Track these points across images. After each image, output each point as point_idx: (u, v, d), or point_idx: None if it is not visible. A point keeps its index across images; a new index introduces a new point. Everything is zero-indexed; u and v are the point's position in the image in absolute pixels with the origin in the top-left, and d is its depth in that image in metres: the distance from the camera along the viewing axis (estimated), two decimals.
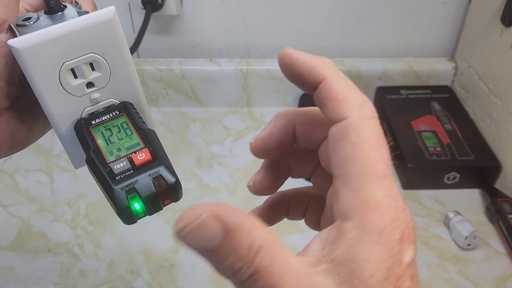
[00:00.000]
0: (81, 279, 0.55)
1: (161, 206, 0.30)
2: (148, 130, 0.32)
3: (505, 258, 0.57)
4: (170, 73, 0.79)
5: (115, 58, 0.32)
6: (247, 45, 0.81)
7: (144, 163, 0.30)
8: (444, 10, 0.77)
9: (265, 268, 0.19)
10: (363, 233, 0.20)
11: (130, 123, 0.33)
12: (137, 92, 0.35)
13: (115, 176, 0.29)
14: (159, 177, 0.29)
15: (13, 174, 0.69)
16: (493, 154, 0.67)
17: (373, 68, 0.80)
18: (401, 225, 0.21)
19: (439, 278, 0.55)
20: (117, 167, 0.29)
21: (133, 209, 0.29)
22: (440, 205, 0.64)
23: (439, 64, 0.81)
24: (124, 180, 0.29)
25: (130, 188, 0.29)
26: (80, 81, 0.32)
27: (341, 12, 0.77)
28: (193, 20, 0.78)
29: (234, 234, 0.19)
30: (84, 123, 0.33)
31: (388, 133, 0.73)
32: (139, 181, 0.29)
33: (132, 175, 0.29)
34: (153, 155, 0.30)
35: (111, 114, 0.33)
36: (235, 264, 0.19)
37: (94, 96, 0.33)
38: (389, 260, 0.20)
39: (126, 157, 0.30)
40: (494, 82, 0.68)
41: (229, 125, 0.79)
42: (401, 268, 0.20)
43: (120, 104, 0.34)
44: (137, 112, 0.34)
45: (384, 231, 0.20)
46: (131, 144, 0.31)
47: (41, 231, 0.60)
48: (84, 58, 0.31)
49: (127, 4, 0.76)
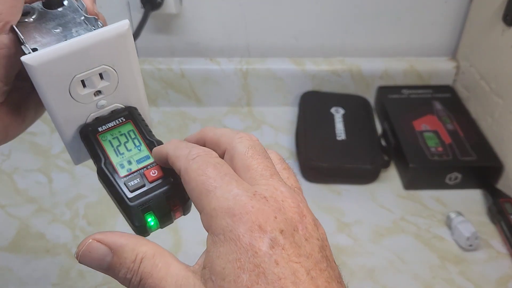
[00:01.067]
0: (80, 280, 0.54)
1: (172, 220, 0.32)
2: (156, 141, 0.33)
3: (507, 259, 0.57)
4: (170, 73, 0.79)
5: (124, 68, 0.32)
6: (247, 44, 0.80)
7: (156, 179, 0.31)
8: (445, 9, 0.77)
9: (148, 274, 0.25)
10: (214, 238, 0.24)
11: (138, 132, 0.33)
12: (141, 97, 0.36)
13: (130, 192, 0.30)
14: (173, 195, 0.31)
15: (12, 174, 0.68)
16: (495, 154, 0.67)
17: (374, 67, 0.79)
18: (247, 217, 0.23)
19: (441, 279, 0.54)
20: (131, 183, 0.31)
21: (148, 225, 0.30)
22: (441, 206, 0.64)
23: (441, 64, 0.80)
24: (140, 198, 0.30)
25: (146, 206, 0.30)
26: (89, 91, 0.32)
27: (342, 11, 0.77)
28: (193, 19, 0.78)
29: (119, 251, 0.25)
30: (91, 130, 0.33)
31: (389, 132, 0.73)
32: (154, 200, 0.30)
33: (146, 192, 0.31)
34: (165, 171, 0.31)
35: (117, 121, 0.34)
36: (127, 275, 0.25)
37: (100, 103, 0.33)
38: (238, 251, 0.23)
39: (138, 173, 0.31)
40: (496, 82, 0.68)
41: (229, 124, 0.79)
42: (259, 255, 0.23)
43: (125, 109, 0.35)
44: (143, 120, 0.35)
45: (227, 229, 0.24)
46: (141, 156, 0.32)
47: (39, 231, 0.60)
48: (95, 70, 0.31)
49: (127, 3, 0.75)
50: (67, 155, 0.71)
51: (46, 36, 0.31)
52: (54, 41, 0.31)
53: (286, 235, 0.24)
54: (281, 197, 0.25)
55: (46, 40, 0.31)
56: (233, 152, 0.28)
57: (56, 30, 0.31)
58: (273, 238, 0.23)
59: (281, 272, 0.22)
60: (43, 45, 0.30)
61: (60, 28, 0.31)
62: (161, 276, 0.25)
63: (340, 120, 0.73)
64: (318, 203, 0.64)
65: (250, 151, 0.28)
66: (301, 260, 0.23)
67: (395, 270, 0.56)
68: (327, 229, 0.28)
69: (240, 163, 0.27)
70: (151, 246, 0.26)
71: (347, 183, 0.67)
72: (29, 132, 0.76)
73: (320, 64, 0.79)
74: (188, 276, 0.25)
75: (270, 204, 0.24)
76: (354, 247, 0.58)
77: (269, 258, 0.23)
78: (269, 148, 0.30)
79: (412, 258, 0.57)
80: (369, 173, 0.67)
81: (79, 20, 0.32)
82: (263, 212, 0.24)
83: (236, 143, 0.28)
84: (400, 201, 0.65)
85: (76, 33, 0.31)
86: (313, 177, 0.67)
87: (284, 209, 0.25)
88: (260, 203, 0.24)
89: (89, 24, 0.32)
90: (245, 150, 0.28)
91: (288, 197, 0.26)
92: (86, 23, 0.32)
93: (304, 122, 0.73)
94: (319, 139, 0.70)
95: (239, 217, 0.24)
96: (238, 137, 0.28)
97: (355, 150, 0.68)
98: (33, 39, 0.30)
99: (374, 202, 0.65)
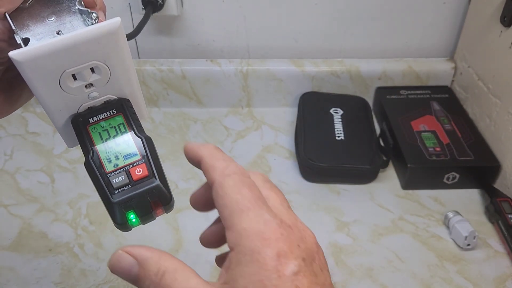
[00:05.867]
0: (82, 278, 0.55)
1: (154, 218, 0.32)
2: (144, 138, 0.33)
3: (505, 258, 0.57)
4: (171, 74, 0.80)
5: (116, 63, 0.32)
6: (248, 45, 0.81)
7: (141, 178, 0.31)
8: (443, 10, 0.77)
9: (168, 287, 0.26)
10: (240, 257, 0.25)
11: (128, 126, 0.33)
12: (134, 89, 0.35)
13: (114, 190, 0.31)
14: (155, 196, 0.31)
15: (14, 174, 0.69)
16: (493, 154, 0.67)
17: (373, 68, 0.80)
18: (274, 243, 0.25)
19: (439, 278, 0.55)
20: (116, 180, 0.31)
21: (129, 222, 0.31)
22: (439, 205, 0.64)
23: (439, 64, 0.81)
24: (123, 195, 0.31)
25: (128, 205, 0.30)
26: (79, 83, 0.32)
27: (341, 12, 0.77)
28: (194, 20, 0.78)
29: (145, 264, 0.27)
30: (82, 120, 0.33)
31: (387, 133, 0.73)
32: (136, 198, 0.31)
33: (129, 190, 0.31)
34: (150, 171, 0.31)
35: (108, 113, 0.34)
36: (150, 286, 0.26)
37: (92, 95, 0.33)
38: (263, 273, 0.24)
39: (124, 169, 0.31)
40: (494, 82, 0.69)
41: (229, 125, 0.79)
42: (282, 279, 0.24)
43: (117, 101, 0.34)
44: (134, 113, 0.34)
45: (255, 251, 0.25)
46: (128, 152, 0.32)
47: (42, 231, 0.60)
48: (85, 65, 0.31)
49: (128, 5, 0.76)
50: (69, 155, 0.72)
51: (39, 25, 0.31)
52: (46, 31, 0.30)
53: (307, 263, 0.26)
54: (302, 227, 0.28)
55: (39, 30, 0.30)
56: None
57: (50, 19, 0.31)
58: (296, 265, 0.25)
59: None
60: (35, 35, 0.30)
61: (54, 17, 0.31)
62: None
63: (339, 120, 0.74)
64: (318, 203, 0.64)
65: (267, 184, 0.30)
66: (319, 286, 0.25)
67: (394, 269, 0.56)
68: (326, 229, 0.29)
69: (227, 201, 0.28)
70: (174, 262, 0.27)
71: (346, 183, 0.68)
72: (32, 132, 0.76)
73: (319, 65, 0.80)
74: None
75: (294, 233, 0.26)
76: (353, 247, 0.59)
77: (291, 282, 0.24)
78: (269, 149, 0.31)
79: (410, 257, 0.57)
80: (368, 173, 0.67)
81: (74, 9, 0.32)
82: (290, 240, 0.26)
83: (225, 179, 0.29)
84: (398, 200, 0.65)
85: (70, 24, 0.31)
86: (312, 177, 0.68)
87: (305, 239, 0.27)
88: (287, 231, 0.26)
89: (83, 15, 0.31)
90: (234, 183, 0.29)
91: (305, 228, 0.28)
92: (80, 13, 0.31)
93: (304, 123, 0.74)
94: (318, 140, 0.71)
95: (269, 241, 0.25)
96: (227, 175, 0.29)
97: (354, 150, 0.69)
98: (26, 27, 0.30)
99: (372, 201, 0.65)
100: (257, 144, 0.75)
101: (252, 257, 0.25)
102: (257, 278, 0.24)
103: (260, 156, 0.72)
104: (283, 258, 0.25)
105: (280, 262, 0.25)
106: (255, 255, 0.25)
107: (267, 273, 0.24)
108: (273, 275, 0.24)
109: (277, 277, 0.24)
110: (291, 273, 0.24)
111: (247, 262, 0.25)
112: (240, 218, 0.26)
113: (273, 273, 0.24)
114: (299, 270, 0.25)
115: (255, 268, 0.25)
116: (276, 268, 0.24)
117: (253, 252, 0.25)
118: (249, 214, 0.26)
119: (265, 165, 0.70)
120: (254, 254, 0.25)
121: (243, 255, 0.25)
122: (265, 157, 0.72)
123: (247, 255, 0.25)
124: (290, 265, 0.25)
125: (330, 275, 0.28)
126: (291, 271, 0.24)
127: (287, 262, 0.25)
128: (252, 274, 0.24)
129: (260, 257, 0.25)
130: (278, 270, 0.24)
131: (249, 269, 0.25)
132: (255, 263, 0.25)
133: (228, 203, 0.27)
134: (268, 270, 0.24)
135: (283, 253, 0.25)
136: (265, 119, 0.80)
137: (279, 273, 0.24)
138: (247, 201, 0.27)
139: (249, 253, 0.25)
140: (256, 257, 0.25)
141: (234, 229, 0.26)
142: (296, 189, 0.67)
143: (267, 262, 0.24)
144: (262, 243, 0.25)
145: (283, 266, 0.24)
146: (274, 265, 0.24)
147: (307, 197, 0.65)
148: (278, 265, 0.24)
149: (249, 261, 0.25)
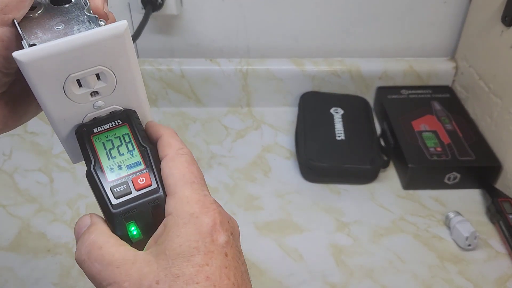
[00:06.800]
0: (81, 279, 0.54)
1: (155, 230, 0.31)
2: (149, 148, 0.32)
3: (506, 258, 0.57)
4: (170, 73, 0.79)
5: (122, 70, 0.32)
6: (247, 45, 0.81)
7: (143, 187, 0.31)
8: (444, 9, 0.77)
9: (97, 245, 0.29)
10: (178, 220, 0.28)
11: (132, 136, 0.33)
12: (141, 100, 0.35)
13: (115, 199, 0.30)
14: (158, 206, 0.30)
15: (13, 174, 0.69)
16: (494, 154, 0.67)
17: (373, 68, 0.79)
18: (211, 213, 0.29)
19: (440, 279, 0.55)
20: (117, 189, 0.30)
21: (130, 235, 0.30)
22: (440, 205, 0.64)
23: (440, 64, 0.81)
24: (124, 205, 0.30)
25: (129, 215, 0.30)
26: (84, 91, 0.31)
27: (342, 12, 0.77)
28: (193, 20, 0.78)
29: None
30: (86, 130, 0.33)
31: (388, 133, 0.73)
32: (138, 209, 0.30)
33: (131, 200, 0.30)
34: (153, 180, 0.31)
35: (113, 123, 0.33)
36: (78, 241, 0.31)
37: (98, 104, 0.32)
38: (198, 235, 0.28)
39: (126, 179, 0.31)
40: (495, 82, 0.68)
41: (229, 125, 0.79)
42: (214, 245, 0.28)
43: (123, 112, 0.34)
44: (140, 124, 0.34)
45: (194, 215, 0.28)
46: (132, 162, 0.32)
47: (40, 231, 0.60)
48: (90, 70, 0.30)
49: (127, 4, 0.75)
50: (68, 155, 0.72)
51: (47, 32, 0.30)
52: (53, 38, 0.30)
53: (235, 238, 0.30)
54: (212, 202, 0.31)
55: (47, 36, 0.30)
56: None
57: (58, 27, 0.31)
58: (227, 236, 0.29)
59: (228, 263, 0.28)
60: (43, 41, 0.30)
61: (62, 25, 0.31)
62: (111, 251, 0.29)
63: (340, 120, 0.74)
64: (318, 203, 0.64)
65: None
66: (240, 263, 0.29)
67: (394, 269, 0.56)
68: (326, 229, 0.29)
69: (175, 171, 0.32)
70: (103, 226, 0.31)
71: (346, 183, 0.67)
72: (30, 132, 0.76)
73: (319, 65, 0.80)
74: (137, 252, 0.28)
75: (223, 211, 0.31)
76: (353, 247, 0.58)
77: (222, 249, 0.28)
78: (269, 148, 0.32)
79: (411, 258, 0.57)
80: (368, 173, 0.67)
81: (82, 18, 0.31)
82: (222, 214, 0.30)
83: (178, 156, 0.33)
84: (399, 201, 0.65)
85: (77, 31, 0.30)
86: (313, 177, 0.68)
87: (232, 220, 0.31)
88: (220, 209, 0.30)
89: (91, 22, 0.31)
90: (185, 161, 0.33)
91: (216, 205, 0.31)
92: (89, 21, 0.31)
93: (304, 122, 0.74)
94: (318, 139, 0.70)
95: (206, 210, 0.29)
96: (180, 154, 0.33)
97: (355, 150, 0.69)
98: (34, 35, 0.30)
99: (373, 202, 0.65)
100: (257, 144, 0.74)
101: (190, 220, 0.28)
102: (192, 238, 0.27)
103: (260, 156, 0.71)
104: (218, 226, 0.29)
105: (215, 230, 0.28)
106: (193, 219, 0.28)
107: (202, 236, 0.28)
108: (207, 239, 0.28)
109: (210, 241, 0.28)
110: (222, 241, 0.28)
111: (184, 224, 0.28)
112: (184, 187, 0.30)
113: (207, 237, 0.28)
114: (228, 240, 0.29)
115: (192, 230, 0.28)
116: (210, 234, 0.28)
117: (192, 216, 0.28)
118: (193, 186, 0.30)
119: (265, 165, 0.70)
120: (192, 218, 0.28)
121: (181, 218, 0.28)
122: (265, 157, 0.71)
123: (185, 218, 0.28)
124: (223, 235, 0.29)
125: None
126: (223, 240, 0.28)
127: (221, 231, 0.29)
128: (188, 234, 0.28)
129: (198, 221, 0.28)
130: (212, 235, 0.28)
131: (186, 230, 0.28)
132: (192, 225, 0.28)
133: (176, 174, 0.30)
134: (203, 233, 0.28)
135: (218, 223, 0.29)
136: (265, 119, 0.80)
137: (212, 237, 0.28)
138: (194, 176, 0.31)
139: (187, 216, 0.28)
140: (194, 221, 0.28)
141: (176, 195, 0.29)
142: (296, 189, 0.66)
143: (204, 227, 0.28)
144: (201, 210, 0.29)
145: (216, 234, 0.28)
146: (209, 231, 0.28)
147: (307, 197, 0.65)
148: (213, 232, 0.28)
149: (187, 223, 0.28)
